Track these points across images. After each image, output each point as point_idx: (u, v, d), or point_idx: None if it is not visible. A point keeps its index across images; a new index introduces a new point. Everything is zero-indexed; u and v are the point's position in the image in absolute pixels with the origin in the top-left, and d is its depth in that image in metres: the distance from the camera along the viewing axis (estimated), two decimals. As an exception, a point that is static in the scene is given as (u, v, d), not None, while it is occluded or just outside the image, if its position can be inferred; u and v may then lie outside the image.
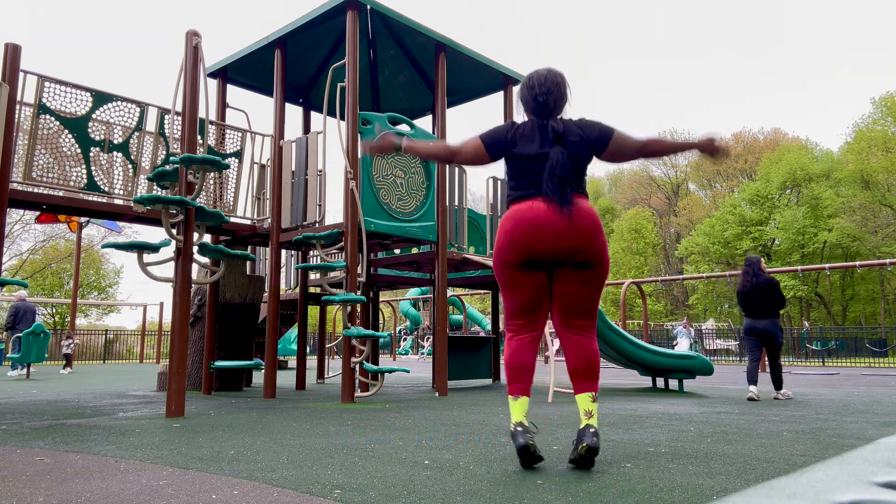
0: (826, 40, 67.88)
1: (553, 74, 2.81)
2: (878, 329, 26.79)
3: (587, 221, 2.64)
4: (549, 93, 2.75)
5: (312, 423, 4.24)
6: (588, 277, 2.69)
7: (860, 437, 3.61)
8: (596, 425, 2.58)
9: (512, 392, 2.72)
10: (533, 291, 2.73)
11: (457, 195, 7.56)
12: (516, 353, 2.75)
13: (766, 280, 6.47)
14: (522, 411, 2.67)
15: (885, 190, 33.35)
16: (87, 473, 2.55)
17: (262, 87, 8.19)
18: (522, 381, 2.71)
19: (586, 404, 2.63)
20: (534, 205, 2.65)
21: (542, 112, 2.76)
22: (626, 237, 40.38)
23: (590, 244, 2.64)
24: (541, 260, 2.66)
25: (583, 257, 2.64)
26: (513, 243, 2.67)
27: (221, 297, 7.28)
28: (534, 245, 2.63)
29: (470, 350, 8.48)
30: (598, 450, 2.54)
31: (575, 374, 2.68)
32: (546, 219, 2.61)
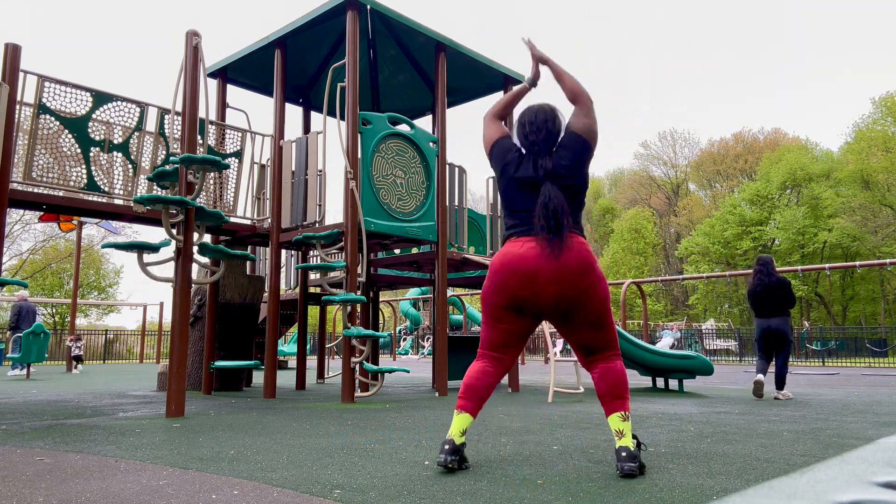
0: (826, 40, 67.92)
1: (543, 113, 2.80)
2: (878, 329, 26.79)
3: (575, 267, 2.56)
4: (540, 131, 2.76)
5: (312, 423, 4.24)
6: (585, 321, 2.62)
7: (860, 437, 3.61)
8: (630, 445, 2.51)
9: (458, 406, 2.71)
10: (511, 333, 2.72)
11: (457, 195, 7.56)
12: (477, 374, 2.74)
13: (778, 280, 6.53)
14: (460, 428, 2.65)
15: (885, 190, 33.35)
16: (87, 473, 2.55)
17: (262, 87, 8.19)
18: (471, 400, 2.69)
19: (617, 424, 2.57)
20: (524, 247, 2.62)
21: (533, 151, 2.77)
22: (626, 237, 40.38)
23: (575, 291, 2.56)
24: (525, 306, 2.65)
25: (567, 306, 2.59)
26: (498, 287, 2.66)
27: (221, 297, 7.28)
28: (519, 293, 2.61)
29: (470, 350, 8.48)
30: (634, 474, 2.47)
31: (603, 397, 2.64)
32: (534, 266, 2.57)
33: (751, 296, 6.71)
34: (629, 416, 2.59)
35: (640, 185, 49.58)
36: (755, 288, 6.63)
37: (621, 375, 2.64)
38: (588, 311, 2.60)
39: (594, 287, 2.59)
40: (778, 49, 68.41)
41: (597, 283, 2.60)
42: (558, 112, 2.84)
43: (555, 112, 2.82)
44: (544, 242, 2.57)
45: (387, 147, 6.46)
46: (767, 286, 6.54)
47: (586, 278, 2.57)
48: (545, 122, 2.77)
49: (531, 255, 2.59)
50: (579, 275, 2.56)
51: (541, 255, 2.57)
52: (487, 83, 8.27)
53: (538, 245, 2.58)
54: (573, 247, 2.58)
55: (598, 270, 2.63)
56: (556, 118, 2.81)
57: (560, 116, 2.83)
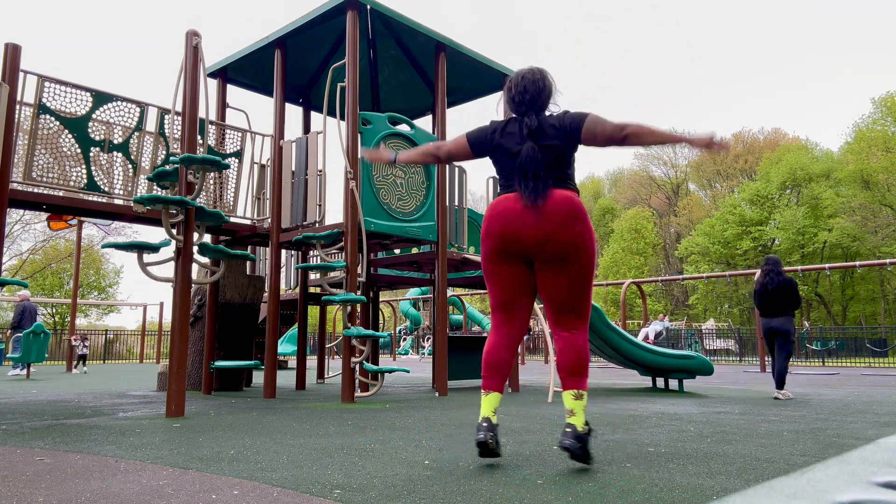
0: (826, 40, 67.94)
1: (531, 72, 2.83)
2: (878, 329, 26.78)
3: (559, 210, 2.61)
4: (525, 91, 2.79)
5: (312, 423, 4.24)
6: (565, 272, 2.64)
7: (860, 437, 3.61)
8: (578, 424, 2.54)
9: (484, 387, 2.77)
10: (510, 285, 2.77)
11: (457, 195, 7.56)
12: (494, 349, 2.80)
13: (785, 280, 6.60)
14: (491, 407, 2.71)
15: (885, 190, 33.35)
16: (87, 473, 2.55)
17: (262, 87, 8.19)
18: (495, 378, 2.76)
19: (569, 402, 2.63)
20: (508, 198, 2.72)
21: (518, 110, 2.81)
22: (626, 237, 40.37)
23: (561, 234, 2.60)
24: (512, 250, 2.69)
25: (555, 249, 2.61)
26: (487, 233, 2.75)
27: (221, 297, 7.28)
28: (505, 234, 2.68)
29: (470, 350, 8.48)
30: (574, 452, 2.49)
31: (560, 370, 2.69)
32: (516, 209, 2.66)
33: (757, 295, 6.76)
34: (584, 395, 2.61)
35: (640, 185, 49.58)
36: (763, 287, 6.68)
37: (582, 352, 2.67)
38: (578, 260, 2.63)
39: (584, 236, 2.62)
40: (778, 49, 68.47)
41: (586, 234, 2.64)
42: (546, 73, 2.86)
43: (541, 73, 2.85)
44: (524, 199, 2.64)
45: (387, 147, 6.47)
46: (776, 285, 6.59)
47: (576, 225, 2.61)
48: (533, 82, 2.81)
49: (514, 202, 2.68)
50: (566, 217, 2.61)
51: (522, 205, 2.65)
52: (487, 83, 8.27)
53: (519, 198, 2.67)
54: (560, 195, 2.64)
55: (588, 223, 2.65)
56: (544, 79, 2.84)
57: (548, 78, 2.85)
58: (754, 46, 69.33)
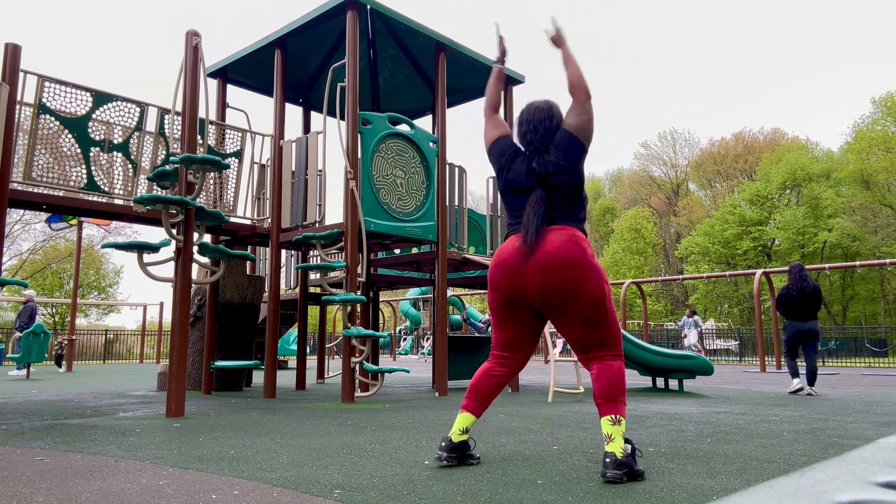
0: (826, 40, 67.94)
1: (541, 111, 2.81)
2: (878, 329, 26.79)
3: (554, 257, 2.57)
4: (535, 131, 2.78)
5: (312, 423, 4.24)
6: (572, 316, 2.60)
7: (860, 437, 3.61)
8: (617, 451, 2.41)
9: (461, 405, 2.80)
10: (515, 330, 2.78)
11: (457, 195, 7.56)
12: (483, 376, 2.81)
13: (813, 286, 7.16)
14: (460, 426, 2.72)
15: (885, 190, 33.35)
16: (87, 473, 2.55)
17: (262, 87, 8.19)
18: (473, 400, 2.78)
19: (606, 427, 2.51)
20: (509, 244, 2.72)
21: (528, 148, 2.81)
22: (626, 237, 40.38)
23: (556, 282, 2.56)
24: (518, 299, 2.69)
25: (555, 298, 2.59)
26: (492, 283, 2.77)
27: (221, 297, 7.28)
28: (508, 288, 2.68)
29: (470, 350, 8.48)
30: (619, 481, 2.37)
31: (595, 397, 2.61)
32: (515, 261, 2.65)
33: (789, 300, 7.22)
34: (621, 420, 2.49)
35: (640, 185, 49.56)
36: (797, 292, 7.16)
37: (616, 377, 2.57)
38: (577, 305, 2.58)
39: (581, 281, 2.56)
40: (778, 49, 68.47)
41: (585, 278, 2.57)
42: (556, 109, 2.84)
43: (552, 110, 2.83)
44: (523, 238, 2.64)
45: (387, 147, 6.47)
46: (803, 291, 7.12)
47: (572, 271, 2.57)
48: (542, 122, 2.79)
49: (517, 249, 2.66)
50: (563, 265, 2.57)
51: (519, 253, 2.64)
52: (487, 83, 8.26)
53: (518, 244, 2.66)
54: (559, 238, 2.61)
55: (588, 264, 2.59)
56: (553, 116, 2.81)
57: (558, 114, 2.83)
58: (755, 46, 69.37)
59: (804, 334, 7.17)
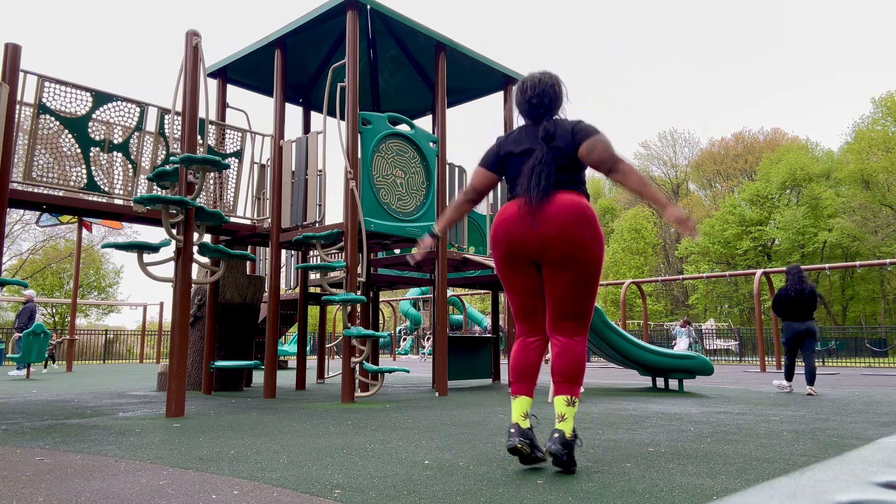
0: (826, 40, 67.94)
1: (547, 76, 2.84)
2: (878, 329, 26.79)
3: (563, 213, 2.59)
4: (543, 94, 2.79)
5: (312, 423, 4.24)
6: (568, 274, 2.61)
7: (860, 437, 3.61)
8: (567, 430, 2.49)
9: (512, 391, 2.76)
10: (524, 291, 2.77)
11: (457, 195, 7.56)
12: (519, 353, 2.80)
13: (811, 288, 7.34)
14: (520, 411, 2.69)
15: (885, 190, 33.36)
16: (87, 473, 2.55)
17: (262, 87, 8.19)
18: (522, 381, 2.75)
19: (560, 406, 2.58)
20: (512, 203, 2.73)
21: (534, 114, 2.81)
22: (626, 237, 40.38)
23: (562, 236, 2.57)
24: (519, 255, 2.69)
25: (557, 251, 2.59)
26: (494, 240, 2.78)
27: (221, 297, 7.28)
28: (509, 239, 2.68)
29: (470, 350, 8.48)
30: (559, 458, 2.45)
31: (554, 375, 2.65)
32: (519, 214, 2.66)
33: (784, 301, 7.38)
34: (576, 401, 2.58)
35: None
36: (797, 294, 7.31)
37: (579, 359, 2.63)
38: (579, 261, 2.59)
39: (587, 240, 2.59)
40: (778, 49, 68.48)
41: (591, 238, 2.59)
42: (560, 81, 2.87)
43: (557, 79, 2.86)
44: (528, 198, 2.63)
45: (387, 147, 6.47)
46: (801, 293, 7.29)
47: (579, 228, 2.58)
48: (551, 87, 2.81)
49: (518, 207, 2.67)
50: (570, 220, 2.58)
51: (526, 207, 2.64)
52: (487, 83, 8.27)
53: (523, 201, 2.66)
54: (565, 197, 2.62)
55: (594, 228, 2.61)
56: (560, 84, 2.85)
57: (562, 85, 2.86)
58: (755, 46, 69.37)
59: (802, 335, 7.34)
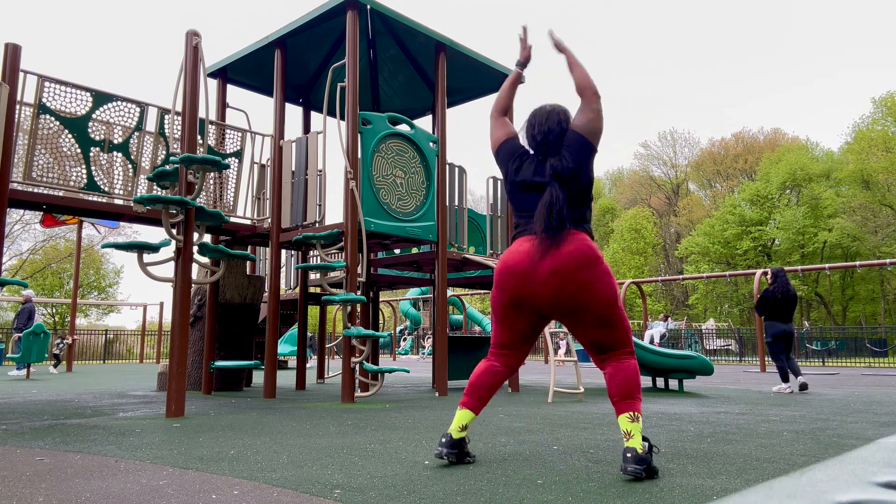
0: (826, 40, 67.93)
1: (555, 113, 2.81)
2: (878, 329, 26.77)
3: (570, 260, 2.57)
4: (549, 132, 2.77)
5: (312, 423, 4.24)
6: (584, 319, 2.61)
7: (860, 437, 3.61)
8: (637, 446, 2.45)
9: (460, 402, 2.80)
10: (517, 333, 2.78)
11: (457, 195, 7.56)
12: (482, 373, 2.82)
13: (794, 291, 7.66)
14: (459, 423, 2.74)
15: (885, 190, 33.35)
16: (87, 473, 2.55)
17: (262, 87, 8.19)
18: (473, 398, 2.78)
19: (625, 425, 2.53)
20: (524, 245, 2.68)
21: (539, 150, 2.79)
22: (626, 237, 40.37)
23: (570, 286, 2.56)
24: (526, 307, 2.68)
25: (568, 302, 2.58)
26: (500, 286, 2.74)
27: (221, 297, 7.28)
28: (519, 291, 2.67)
29: (470, 350, 8.48)
30: (639, 476, 2.40)
31: (612, 397, 2.62)
32: (526, 263, 2.63)
33: (773, 302, 7.59)
34: (639, 417, 2.53)
35: (640, 185, 49.55)
36: (782, 295, 7.56)
37: (632, 375, 2.60)
38: (590, 308, 2.59)
39: (596, 283, 2.58)
40: (778, 49, 68.47)
41: (598, 281, 2.58)
42: (565, 111, 2.84)
43: (562, 113, 2.82)
44: (540, 239, 2.61)
45: (387, 147, 6.47)
46: (787, 295, 7.56)
47: (586, 273, 2.57)
48: (556, 123, 2.78)
49: (529, 253, 2.63)
50: (578, 268, 2.57)
51: (534, 257, 2.61)
52: (487, 83, 8.27)
53: (536, 242, 2.63)
54: (572, 241, 2.60)
55: (601, 267, 2.60)
56: (563, 119, 2.81)
57: (567, 116, 2.83)
58: (755, 46, 69.36)
59: (788, 335, 7.54)
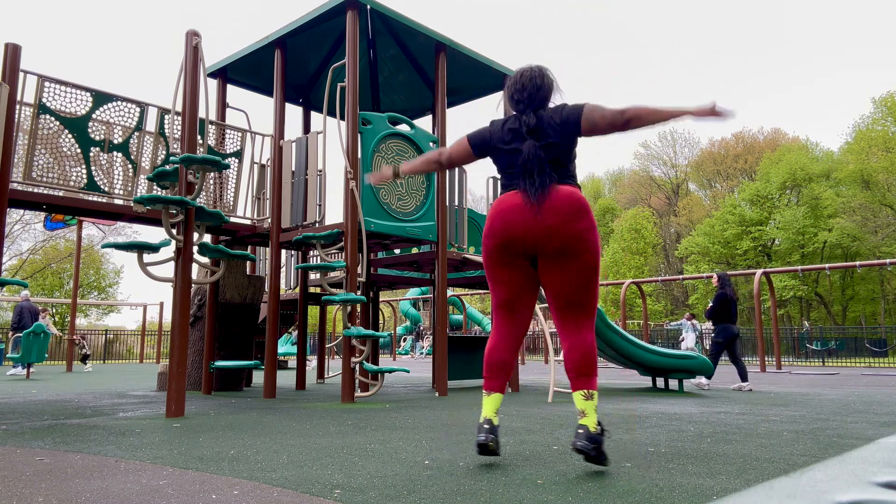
0: (826, 40, 67.91)
1: (530, 70, 2.84)
2: (878, 329, 26.77)
3: (562, 205, 2.59)
4: (524, 88, 2.79)
5: (312, 423, 4.24)
6: (570, 267, 2.60)
7: (860, 437, 3.61)
8: (590, 425, 2.50)
9: (486, 387, 2.76)
10: (512, 284, 2.75)
11: (457, 195, 7.56)
12: (495, 349, 2.79)
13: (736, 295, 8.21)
14: (493, 408, 2.71)
15: (885, 190, 33.35)
16: (87, 473, 2.55)
17: (262, 87, 8.19)
18: (497, 378, 2.75)
19: (580, 402, 2.59)
20: (509, 195, 2.72)
21: (518, 108, 2.82)
22: (626, 237, 40.36)
23: (564, 228, 2.57)
24: (517, 246, 2.67)
25: (559, 243, 2.58)
26: (489, 230, 2.74)
27: (221, 297, 7.28)
28: (507, 231, 2.66)
29: (470, 350, 8.48)
30: (588, 453, 2.46)
31: (568, 371, 2.65)
32: (518, 206, 2.65)
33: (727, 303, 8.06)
34: (594, 395, 2.57)
35: (640, 185, 49.55)
36: (732, 299, 8.07)
37: (590, 351, 2.63)
38: (580, 257, 2.59)
39: (586, 233, 2.59)
40: (778, 49, 68.45)
41: (589, 231, 2.60)
42: (545, 71, 2.86)
43: (540, 70, 2.85)
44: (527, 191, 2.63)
45: (387, 147, 6.46)
46: (735, 298, 8.13)
47: (578, 221, 2.58)
48: (530, 80, 2.81)
49: (516, 200, 2.66)
50: (571, 213, 2.58)
51: (525, 202, 2.63)
52: (487, 83, 8.27)
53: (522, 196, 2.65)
54: (564, 189, 2.63)
55: (591, 219, 2.63)
56: (546, 76, 2.84)
57: (547, 75, 2.85)
58: (755, 46, 69.33)
59: (737, 336, 8.03)
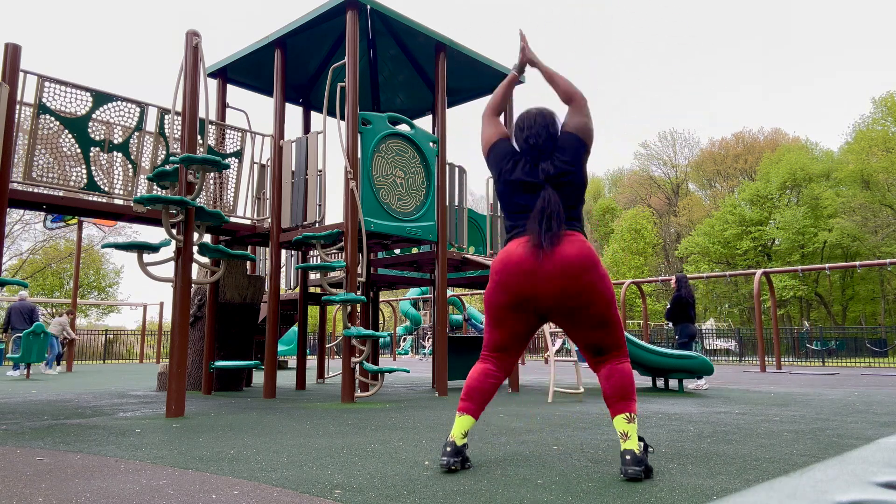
0: (826, 40, 67.91)
1: (542, 116, 2.84)
2: (878, 329, 26.76)
3: (571, 261, 2.58)
4: (539, 136, 2.79)
5: (312, 423, 4.24)
6: (581, 317, 2.63)
7: (860, 437, 3.61)
8: (635, 447, 2.47)
9: (459, 408, 2.76)
10: (514, 334, 2.76)
11: (457, 195, 7.56)
12: (479, 376, 2.78)
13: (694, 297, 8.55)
14: (461, 429, 2.69)
15: (885, 190, 33.34)
16: (87, 473, 2.55)
17: (262, 87, 8.19)
18: (472, 402, 2.74)
19: (621, 426, 2.55)
20: (520, 246, 2.67)
21: (532, 154, 2.80)
22: (626, 237, 40.36)
23: (574, 286, 2.57)
24: (527, 305, 2.67)
25: (571, 302, 2.60)
26: (499, 286, 2.71)
27: (221, 297, 7.28)
28: (520, 290, 2.65)
29: (470, 350, 8.48)
30: (638, 478, 2.42)
31: (607, 399, 2.64)
32: (528, 259, 2.62)
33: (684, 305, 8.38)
34: (635, 417, 2.56)
35: (640, 185, 49.54)
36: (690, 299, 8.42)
37: (627, 376, 2.63)
38: (592, 309, 2.60)
39: (596, 285, 2.60)
40: (778, 49, 68.46)
41: (599, 282, 2.61)
42: (553, 115, 2.88)
43: (553, 116, 2.87)
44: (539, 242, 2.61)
45: (387, 147, 6.47)
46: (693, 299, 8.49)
47: (588, 274, 2.58)
48: (544, 127, 2.80)
49: (531, 253, 2.63)
50: (580, 270, 2.58)
51: (535, 256, 2.61)
52: (487, 83, 8.27)
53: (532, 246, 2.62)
54: (572, 243, 2.61)
55: (600, 269, 2.63)
56: (554, 121, 2.85)
57: (558, 119, 2.87)
58: (756, 46, 69.35)
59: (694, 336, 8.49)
